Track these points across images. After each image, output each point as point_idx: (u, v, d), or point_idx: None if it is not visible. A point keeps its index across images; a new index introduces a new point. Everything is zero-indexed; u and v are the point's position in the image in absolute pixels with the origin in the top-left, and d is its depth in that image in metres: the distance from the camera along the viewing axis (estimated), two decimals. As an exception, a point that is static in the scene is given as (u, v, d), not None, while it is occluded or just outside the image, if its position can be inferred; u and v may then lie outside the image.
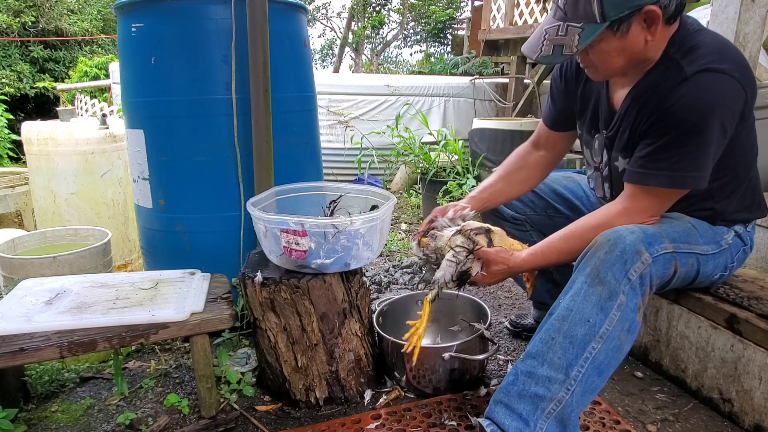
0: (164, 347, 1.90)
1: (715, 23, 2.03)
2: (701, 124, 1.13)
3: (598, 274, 1.15)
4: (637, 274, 1.15)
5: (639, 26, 1.14)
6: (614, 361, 1.17)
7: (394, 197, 1.59)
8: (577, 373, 1.14)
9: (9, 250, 1.91)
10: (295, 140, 2.00)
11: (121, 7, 1.83)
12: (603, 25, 1.12)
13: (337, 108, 5.13)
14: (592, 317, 1.14)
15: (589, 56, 1.22)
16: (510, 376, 1.21)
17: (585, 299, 1.15)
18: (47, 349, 1.27)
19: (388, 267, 2.79)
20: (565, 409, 1.14)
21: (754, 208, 1.40)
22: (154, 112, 1.84)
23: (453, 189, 3.44)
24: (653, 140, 1.20)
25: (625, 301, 1.14)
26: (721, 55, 1.15)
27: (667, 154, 1.18)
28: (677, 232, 1.26)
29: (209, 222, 1.88)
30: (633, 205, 1.25)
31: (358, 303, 1.54)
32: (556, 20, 1.17)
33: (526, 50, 1.23)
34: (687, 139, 1.15)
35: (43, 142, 2.48)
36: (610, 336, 1.14)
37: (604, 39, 1.15)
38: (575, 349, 1.14)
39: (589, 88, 1.43)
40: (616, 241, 1.16)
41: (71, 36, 9.92)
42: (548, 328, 1.18)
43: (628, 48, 1.17)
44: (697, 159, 1.17)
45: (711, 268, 1.37)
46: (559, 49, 1.17)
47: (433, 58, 13.11)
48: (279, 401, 1.56)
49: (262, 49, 1.74)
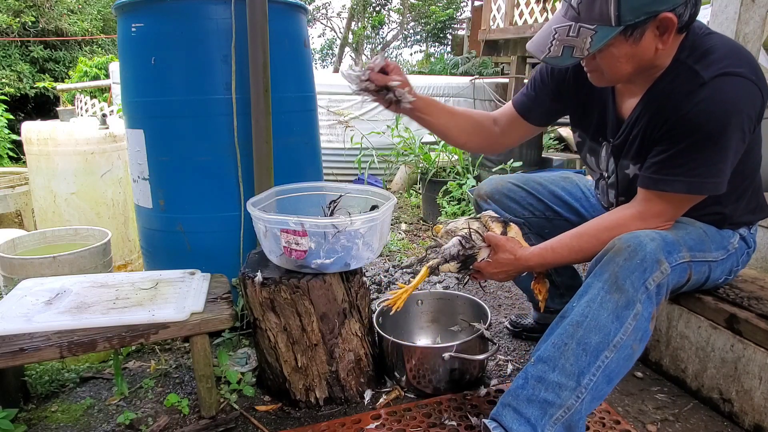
0: (164, 347, 1.90)
1: (715, 23, 2.03)
2: (720, 130, 1.10)
3: (617, 281, 1.12)
4: (656, 283, 1.13)
5: (652, 33, 1.10)
6: (624, 369, 1.16)
7: (394, 197, 1.59)
8: (589, 381, 1.12)
9: (9, 250, 1.91)
10: (295, 140, 2.00)
11: (121, 7, 1.83)
12: (617, 29, 1.07)
13: (337, 108, 5.13)
14: (608, 325, 1.11)
15: (596, 60, 1.17)
16: (519, 379, 1.19)
17: (601, 306, 1.13)
18: (47, 349, 1.27)
19: (388, 267, 2.79)
20: (573, 417, 1.13)
21: (758, 210, 1.40)
22: (154, 112, 1.84)
23: (453, 189, 3.44)
24: (669, 146, 1.16)
25: (641, 310, 1.12)
26: (736, 58, 1.12)
27: (683, 160, 1.14)
28: (693, 240, 1.24)
29: (209, 222, 1.88)
30: (647, 209, 1.22)
31: (358, 303, 1.54)
32: (567, 20, 1.11)
33: (533, 49, 1.17)
34: (705, 145, 1.12)
35: (43, 142, 2.48)
36: (624, 345, 1.12)
37: (615, 44, 1.10)
38: (588, 357, 1.12)
39: (591, 95, 1.37)
40: (636, 248, 1.13)
41: (71, 36, 9.92)
42: (561, 332, 1.16)
43: (638, 55, 1.13)
44: (716, 165, 1.13)
45: (719, 273, 1.37)
46: (569, 50, 1.11)
47: (433, 58, 13.12)
48: (279, 401, 1.56)
49: (262, 49, 1.74)
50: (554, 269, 1.67)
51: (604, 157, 1.41)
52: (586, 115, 1.42)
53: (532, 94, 1.49)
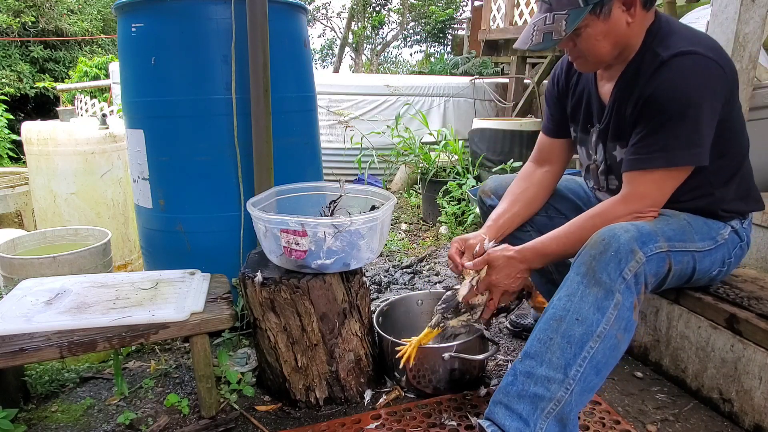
0: (164, 347, 1.90)
1: (715, 23, 2.02)
2: (684, 105, 1.18)
3: (594, 273, 1.16)
4: (632, 273, 1.16)
5: (619, 9, 1.22)
6: (612, 360, 1.18)
7: (394, 197, 1.59)
8: (576, 372, 1.15)
9: (9, 250, 1.91)
10: (295, 140, 2.00)
11: (121, 7, 1.83)
12: (587, 8, 1.19)
13: (337, 108, 5.13)
14: (590, 317, 1.15)
15: (577, 47, 1.28)
16: (509, 376, 1.22)
17: (582, 299, 1.16)
18: (47, 349, 1.27)
19: (388, 267, 2.79)
20: (564, 409, 1.15)
21: (750, 200, 1.42)
22: (154, 112, 1.84)
23: (453, 189, 3.44)
24: (642, 127, 1.25)
25: (622, 300, 1.15)
26: (695, 40, 1.21)
27: (657, 137, 1.22)
28: (672, 230, 1.27)
29: (209, 222, 1.88)
30: (630, 191, 1.28)
31: (358, 303, 1.54)
32: (542, 13, 1.25)
33: (519, 44, 1.30)
34: (672, 120, 1.20)
35: (43, 142, 2.48)
36: (608, 335, 1.15)
37: (590, 24, 1.22)
38: (573, 348, 1.15)
39: (579, 87, 1.48)
40: (610, 240, 1.17)
41: (71, 36, 9.92)
42: (545, 327, 1.19)
43: (612, 31, 1.23)
44: (688, 137, 1.20)
45: (708, 264, 1.37)
46: (549, 36, 1.23)
47: (433, 58, 13.12)
48: (279, 401, 1.56)
49: (262, 49, 1.74)
50: (555, 268, 1.68)
51: (593, 143, 1.47)
52: (577, 108, 1.50)
53: (550, 114, 1.60)
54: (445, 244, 3.24)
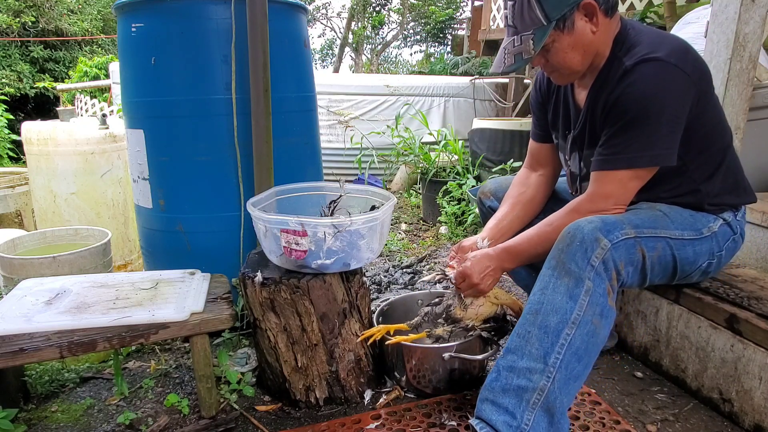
0: (164, 347, 1.90)
1: (715, 23, 2.02)
2: (644, 109, 1.23)
3: (563, 265, 1.21)
4: (599, 259, 1.20)
5: (582, 20, 1.26)
6: (592, 347, 1.21)
7: (394, 197, 1.59)
8: (555, 360, 1.17)
9: (9, 250, 1.91)
10: (295, 140, 2.00)
11: (121, 7, 1.83)
12: (550, 26, 1.24)
13: (337, 108, 5.13)
14: (563, 306, 1.19)
15: (549, 62, 1.32)
16: (492, 373, 1.24)
17: (554, 291, 1.20)
18: (47, 349, 1.27)
19: (388, 267, 2.79)
20: (549, 398, 1.17)
21: (741, 192, 1.43)
22: (154, 112, 1.84)
23: (453, 189, 3.44)
24: (608, 130, 1.30)
25: (592, 286, 1.19)
26: (656, 46, 1.25)
27: (620, 140, 1.27)
28: (641, 219, 1.30)
29: (209, 222, 1.88)
30: (595, 190, 1.32)
31: (358, 303, 1.54)
32: (510, 36, 1.30)
33: (493, 68, 1.36)
34: (634, 124, 1.24)
35: (43, 142, 2.48)
36: (583, 321, 1.18)
37: (556, 39, 1.27)
38: (550, 337, 1.18)
39: (558, 94, 1.52)
40: (575, 232, 1.22)
41: (71, 36, 9.93)
42: (523, 323, 1.23)
43: (579, 41, 1.28)
44: (649, 139, 1.24)
45: (691, 254, 1.36)
46: (519, 56, 1.29)
47: (433, 58, 13.12)
48: (279, 401, 1.56)
49: (262, 49, 1.74)
50: None
51: (569, 149, 1.50)
52: (557, 114, 1.54)
53: (535, 119, 1.65)
54: (445, 244, 3.24)
